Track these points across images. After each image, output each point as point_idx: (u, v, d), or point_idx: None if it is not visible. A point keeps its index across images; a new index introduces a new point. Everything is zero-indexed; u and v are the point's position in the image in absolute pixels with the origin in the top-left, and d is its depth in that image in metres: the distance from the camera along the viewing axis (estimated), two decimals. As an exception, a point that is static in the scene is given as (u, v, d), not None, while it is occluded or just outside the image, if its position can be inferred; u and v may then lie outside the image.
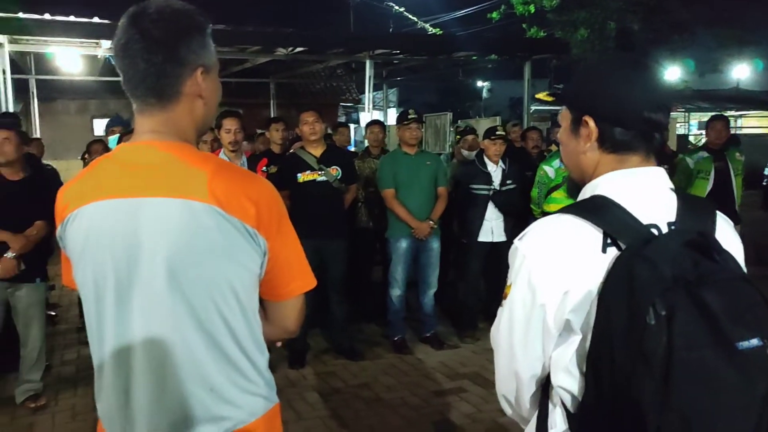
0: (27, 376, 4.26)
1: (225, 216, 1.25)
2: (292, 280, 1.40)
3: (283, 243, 1.36)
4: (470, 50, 10.79)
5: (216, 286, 1.27)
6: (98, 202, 1.29)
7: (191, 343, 1.28)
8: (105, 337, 1.33)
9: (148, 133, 1.32)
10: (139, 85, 1.30)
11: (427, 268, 5.26)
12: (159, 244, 1.25)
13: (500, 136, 5.34)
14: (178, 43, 1.28)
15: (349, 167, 5.08)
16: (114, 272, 1.28)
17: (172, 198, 1.25)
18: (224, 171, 1.30)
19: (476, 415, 4.08)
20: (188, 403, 1.30)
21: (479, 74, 27.60)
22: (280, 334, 1.47)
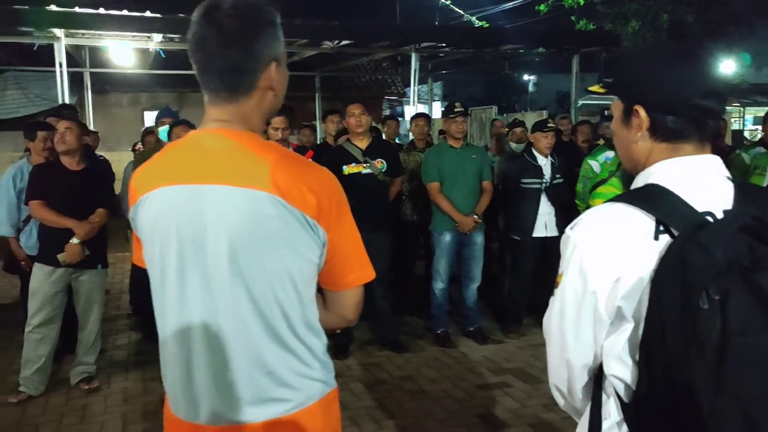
0: (83, 359, 4.41)
1: (286, 206, 1.27)
2: (351, 271, 1.42)
3: (342, 234, 1.37)
4: (517, 43, 10.67)
5: (275, 274, 1.30)
6: (166, 187, 1.33)
7: (249, 328, 1.32)
8: (167, 316, 1.38)
9: (216, 122, 1.35)
10: (214, 79, 1.33)
11: (470, 261, 5.23)
12: (222, 230, 1.28)
13: (552, 128, 5.27)
14: (253, 38, 1.30)
15: (395, 160, 5.08)
16: (178, 256, 1.32)
17: (235, 186, 1.28)
18: (287, 161, 1.32)
19: (520, 410, 4.05)
20: (247, 385, 1.33)
21: (526, 68, 27.24)
22: (339, 322, 1.49)
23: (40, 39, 8.73)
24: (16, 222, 4.74)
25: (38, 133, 4.71)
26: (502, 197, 5.48)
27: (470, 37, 11.02)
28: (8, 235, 4.74)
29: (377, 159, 4.86)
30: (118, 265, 7.36)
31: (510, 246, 5.61)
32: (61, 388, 4.36)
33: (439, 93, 22.74)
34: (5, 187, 4.75)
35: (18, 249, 4.72)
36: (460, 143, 5.15)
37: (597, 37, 11.02)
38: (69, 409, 4.08)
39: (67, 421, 3.92)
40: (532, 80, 30.86)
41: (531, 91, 31.35)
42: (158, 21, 8.32)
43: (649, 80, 1.26)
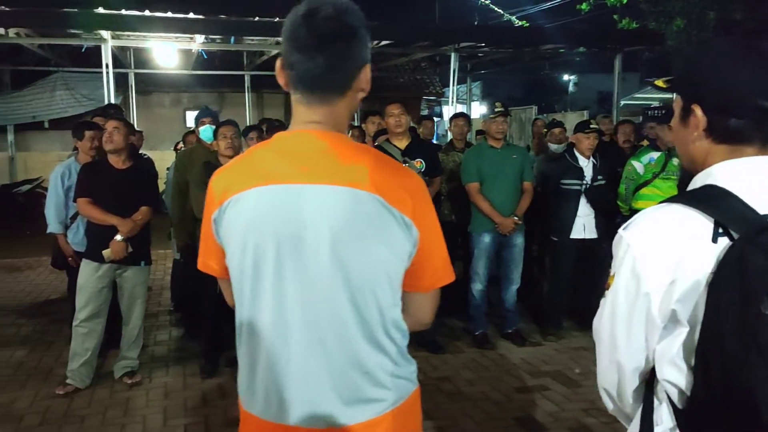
0: (126, 353, 4.51)
1: (386, 205, 1.30)
2: (435, 272, 1.43)
3: (431, 235, 1.39)
4: (558, 43, 10.55)
5: (374, 272, 1.32)
6: (262, 187, 1.34)
7: (348, 327, 1.33)
8: (259, 317, 1.38)
9: (308, 123, 1.36)
10: (312, 80, 1.33)
11: (510, 263, 5.19)
12: (323, 228, 1.30)
13: (594, 129, 5.19)
14: (352, 41, 1.32)
15: (433, 160, 5.06)
16: (275, 255, 1.33)
17: (336, 185, 1.30)
18: (382, 162, 1.36)
19: (559, 414, 4.00)
20: (344, 386, 1.35)
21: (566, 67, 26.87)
22: (414, 325, 1.48)
23: (87, 41, 8.97)
24: (63, 219, 4.85)
25: (86, 132, 4.83)
26: (542, 198, 5.41)
27: (510, 36, 10.92)
28: (56, 232, 4.86)
29: (416, 159, 4.85)
30: (159, 262, 7.50)
31: (549, 248, 5.54)
32: (106, 381, 4.46)
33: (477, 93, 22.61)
34: (54, 185, 4.88)
35: (65, 245, 4.84)
36: (501, 143, 5.11)
37: (640, 36, 10.79)
38: (113, 402, 4.18)
39: (111, 414, 4.01)
40: (573, 80, 30.45)
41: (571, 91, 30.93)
42: (201, 22, 8.47)
43: (707, 78, 1.22)
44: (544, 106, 22.81)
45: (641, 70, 18.43)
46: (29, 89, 13.33)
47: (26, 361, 4.89)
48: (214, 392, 4.34)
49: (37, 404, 4.13)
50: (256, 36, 9.96)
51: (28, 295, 6.80)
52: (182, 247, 5.02)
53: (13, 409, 4.06)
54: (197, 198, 4.46)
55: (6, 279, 7.54)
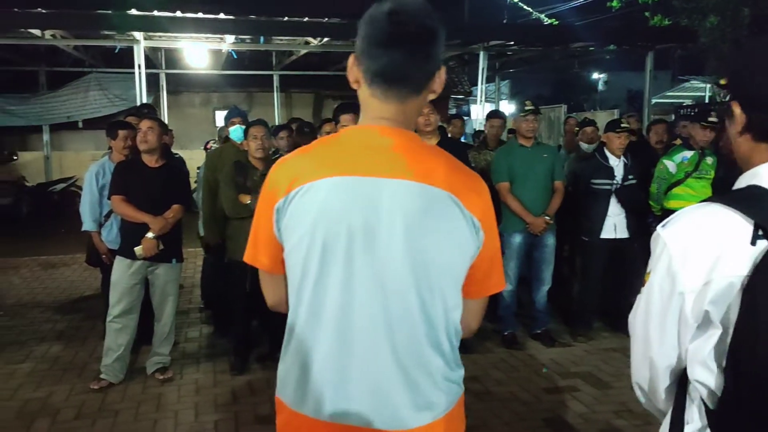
0: (158, 349, 4.57)
1: (459, 205, 1.31)
2: (491, 277, 1.44)
3: (493, 241, 1.40)
4: (588, 40, 10.43)
5: (444, 270, 1.32)
6: (334, 177, 1.32)
7: (416, 325, 1.32)
8: (322, 313, 1.35)
9: (379, 119, 1.36)
10: (392, 75, 1.32)
11: (541, 264, 5.15)
12: (397, 222, 1.29)
13: (625, 128, 5.12)
14: (433, 43, 1.34)
15: (463, 159, 5.02)
16: (347, 244, 1.31)
17: (412, 181, 1.30)
18: (454, 163, 1.38)
19: (589, 415, 3.96)
20: (407, 389, 1.34)
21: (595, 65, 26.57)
22: (464, 331, 1.46)
23: (121, 42, 9.12)
24: (98, 217, 4.93)
25: (119, 131, 4.92)
26: (572, 198, 5.36)
27: (540, 35, 10.85)
28: (91, 229, 4.95)
29: None
30: (190, 260, 7.58)
31: (580, 248, 5.48)
32: (138, 377, 4.54)
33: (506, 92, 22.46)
34: (88, 184, 4.97)
35: (100, 243, 4.93)
36: (531, 142, 5.07)
37: (672, 34, 10.64)
38: (145, 398, 4.24)
39: (144, 409, 4.07)
40: (602, 78, 30.08)
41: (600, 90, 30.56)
42: (231, 23, 8.56)
43: (745, 75, 1.21)
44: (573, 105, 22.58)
45: (673, 68, 18.16)
46: (64, 90, 13.61)
47: (62, 355, 4.99)
48: (243, 389, 4.38)
49: (73, 398, 4.22)
50: (285, 36, 10.03)
51: (63, 292, 6.94)
52: (209, 245, 5.07)
53: (49, 403, 4.15)
54: (227, 197, 4.51)
55: (42, 276, 7.70)
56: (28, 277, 7.62)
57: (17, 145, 14.45)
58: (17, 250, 8.93)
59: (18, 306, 6.36)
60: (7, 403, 4.14)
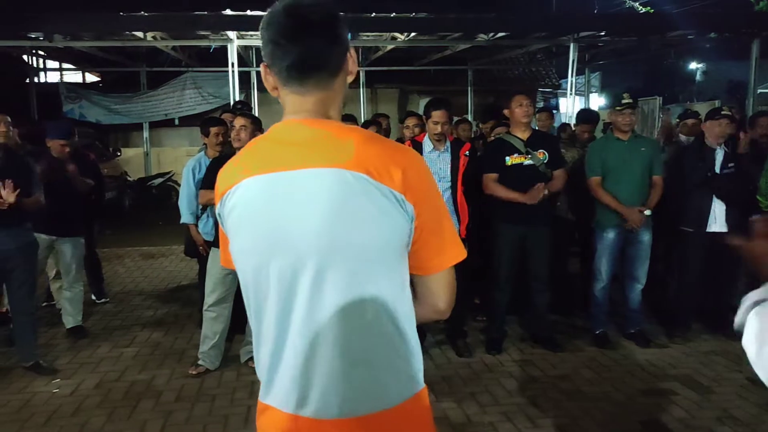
0: (250, 338, 4.71)
1: (373, 183, 1.27)
2: (442, 251, 1.37)
3: (430, 210, 1.34)
4: (686, 28, 9.94)
5: (368, 253, 1.29)
6: (252, 177, 1.34)
7: (349, 314, 1.30)
8: (264, 313, 1.37)
9: (300, 113, 1.37)
10: (307, 64, 1.34)
11: (635, 261, 4.96)
12: (313, 211, 1.29)
13: (725, 115, 4.85)
14: (336, 22, 1.35)
15: (556, 152, 4.91)
16: (271, 244, 1.32)
17: (323, 168, 1.29)
18: (371, 140, 1.35)
19: (689, 421, 3.79)
20: (349, 379, 1.32)
21: (693, 55, 25.28)
22: (430, 314, 1.43)
23: (215, 42, 9.47)
24: (195, 210, 5.16)
25: (211, 129, 5.12)
26: (670, 190, 5.12)
27: (633, 24, 10.41)
28: (189, 222, 5.18)
29: (539, 150, 4.74)
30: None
31: (678, 242, 5.23)
32: (232, 364, 4.71)
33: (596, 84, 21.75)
34: (186, 178, 5.20)
35: (197, 235, 5.14)
36: (628, 135, 4.87)
37: (781, 19, 9.97)
38: (240, 384, 4.40)
39: (239, 395, 4.23)
40: (701, 69, 28.61)
41: (698, 81, 29.08)
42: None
43: None
44: (667, 97, 21.60)
45: (780, 56, 17.01)
46: (162, 89, 14.29)
47: (162, 341, 5.26)
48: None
49: (173, 382, 4.43)
50: (373, 32, 10.12)
51: (162, 281, 7.30)
52: None
53: (153, 386, 4.38)
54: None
55: (143, 266, 8.13)
56: (130, 267, 8.06)
57: (120, 142, 15.33)
58: (121, 241, 9.47)
59: (122, 294, 6.74)
60: (115, 384, 4.41)
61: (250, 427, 3.79)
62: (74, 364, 4.76)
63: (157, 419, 3.89)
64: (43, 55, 14.15)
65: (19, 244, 4.36)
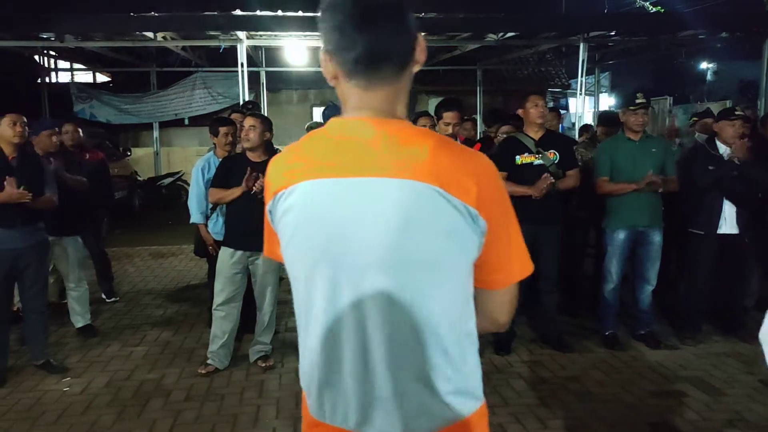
0: (260, 338, 4.73)
1: (445, 196, 1.18)
2: (509, 265, 1.30)
3: (501, 224, 1.26)
4: (697, 28, 9.88)
5: (434, 270, 1.21)
6: (312, 180, 1.25)
7: (406, 331, 1.23)
8: (312, 319, 1.31)
9: (364, 110, 1.26)
10: (376, 55, 1.23)
11: (645, 262, 4.93)
12: (379, 224, 1.20)
13: (739, 116, 4.81)
14: (405, 9, 1.24)
15: (568, 152, 4.89)
16: (329, 255, 1.24)
17: (392, 178, 1.19)
18: (444, 147, 1.23)
19: (700, 423, 3.76)
20: (401, 396, 1.26)
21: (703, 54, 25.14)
22: (489, 326, 1.36)
23: (225, 42, 9.50)
24: (204, 210, 5.17)
25: (220, 128, 5.13)
26: (680, 191, 5.08)
27: (644, 24, 10.35)
28: (198, 222, 5.19)
29: (550, 150, 4.72)
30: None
31: (688, 244, 5.19)
32: (242, 364, 4.71)
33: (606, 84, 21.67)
34: (195, 178, 5.21)
35: (206, 234, 5.15)
36: (639, 136, 4.83)
37: (793, 18, 9.88)
38: (249, 384, 4.41)
39: (248, 395, 4.23)
40: (711, 68, 28.45)
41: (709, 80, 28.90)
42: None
43: None
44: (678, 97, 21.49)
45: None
46: (172, 89, 14.34)
47: (172, 340, 5.27)
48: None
49: (183, 381, 4.44)
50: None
51: (172, 281, 7.32)
52: None
53: (162, 385, 4.39)
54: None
55: (152, 265, 8.16)
56: (140, 266, 8.09)
57: (130, 142, 15.41)
58: (131, 240, 9.52)
59: (132, 293, 6.77)
60: (125, 383, 4.42)
61: (258, 426, 3.80)
62: (84, 363, 4.79)
63: (167, 418, 3.90)
64: (55, 55, 14.25)
65: (31, 243, 4.39)
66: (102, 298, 6.32)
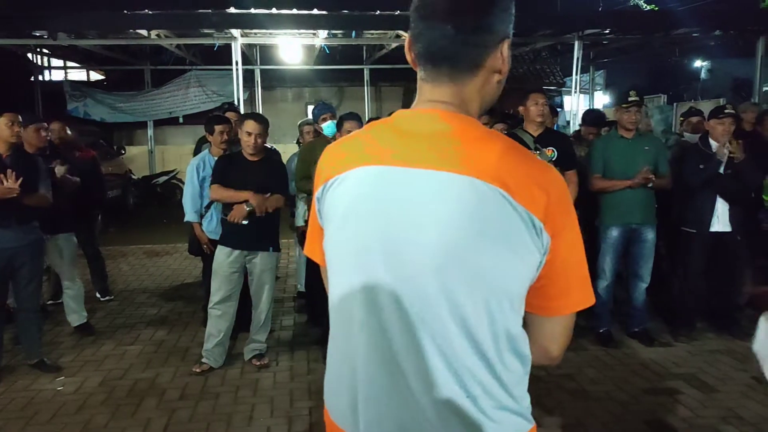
0: (255, 336, 4.73)
1: (511, 202, 1.08)
2: (569, 291, 1.17)
3: (567, 244, 1.14)
4: (691, 26, 9.92)
5: (487, 278, 1.10)
6: (370, 167, 1.18)
7: (451, 345, 1.12)
8: (351, 318, 1.22)
9: (432, 102, 1.19)
10: (436, 53, 1.16)
11: (639, 259, 4.95)
12: (434, 221, 1.10)
13: (729, 114, 4.83)
14: (490, 9, 1.14)
15: (566, 150, 4.88)
16: (379, 245, 1.16)
17: (453, 173, 1.10)
18: (514, 152, 1.14)
19: (694, 420, 3.78)
20: (444, 418, 1.15)
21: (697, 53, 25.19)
22: (539, 358, 1.23)
23: (219, 40, 9.49)
24: (199, 208, 5.15)
25: (215, 127, 5.10)
26: (673, 189, 5.10)
27: (638, 22, 10.40)
28: (192, 220, 5.17)
29: (548, 147, 4.73)
30: (282, 250, 7.81)
31: (681, 242, 5.21)
32: (236, 362, 4.71)
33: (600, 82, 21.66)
34: (190, 176, 5.17)
35: (201, 233, 5.13)
36: (632, 134, 4.85)
37: (786, 16, 9.93)
38: (243, 382, 4.40)
39: (242, 393, 4.23)
40: (705, 66, 28.51)
41: (703, 78, 28.97)
42: (324, 18, 8.71)
43: None
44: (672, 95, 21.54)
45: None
46: (166, 87, 14.31)
47: (166, 339, 5.26)
48: (336, 378, 4.45)
49: (177, 380, 4.44)
50: (377, 30, 10.11)
51: (166, 279, 7.31)
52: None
53: (156, 384, 4.39)
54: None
55: (147, 263, 8.14)
56: (134, 265, 8.07)
57: (125, 140, 15.37)
58: (125, 239, 9.49)
59: (126, 291, 6.76)
60: (119, 382, 4.41)
61: (253, 425, 3.80)
62: (78, 362, 4.78)
63: (161, 417, 3.89)
64: (48, 53, 14.20)
65: (26, 242, 4.38)
66: (96, 296, 6.30)
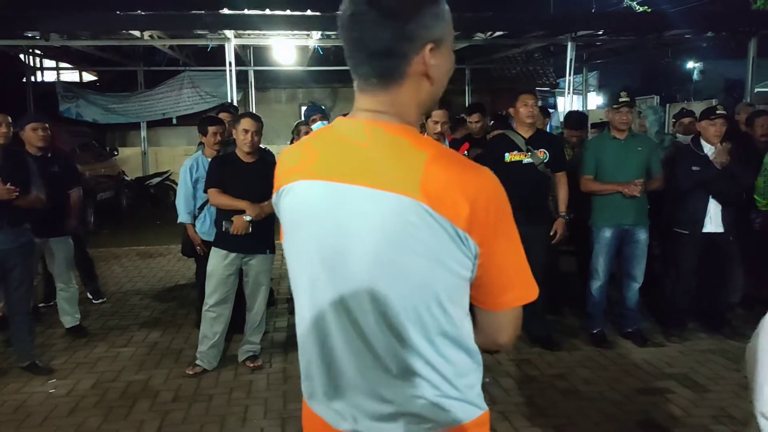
0: (249, 338, 4.72)
1: (434, 215, 1.11)
2: (509, 289, 1.22)
3: (499, 248, 1.18)
4: (684, 28, 9.96)
5: (414, 287, 1.16)
6: (308, 181, 1.24)
7: (386, 340, 1.20)
8: (305, 320, 1.32)
9: (365, 112, 1.22)
10: (363, 62, 1.18)
11: (632, 260, 4.96)
12: (363, 237, 1.17)
13: (720, 115, 4.85)
14: (409, 17, 1.14)
15: (558, 152, 4.91)
16: (318, 257, 1.24)
17: (380, 190, 1.14)
18: (442, 161, 1.15)
19: (685, 419, 3.80)
20: (382, 398, 1.24)
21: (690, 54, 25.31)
22: (488, 345, 1.30)
23: (213, 41, 9.47)
24: (192, 210, 5.14)
25: (209, 128, 5.10)
26: (665, 190, 5.12)
27: (631, 23, 10.43)
28: (186, 221, 5.16)
29: (540, 149, 4.74)
30: (276, 252, 7.80)
31: (673, 242, 5.23)
32: (230, 364, 4.70)
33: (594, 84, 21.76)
34: (183, 178, 5.16)
35: (194, 234, 5.13)
36: (625, 134, 4.86)
37: (778, 18, 9.99)
38: (237, 384, 4.40)
39: (236, 395, 4.22)
40: (698, 68, 28.63)
41: (696, 80, 29.09)
42: (317, 19, 8.70)
43: None
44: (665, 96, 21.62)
45: (777, 55, 17.01)
46: (160, 88, 14.28)
47: (159, 341, 5.25)
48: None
49: (170, 382, 4.43)
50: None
51: (160, 281, 7.29)
52: None
53: (149, 386, 4.38)
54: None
55: (140, 265, 8.12)
56: (127, 266, 8.05)
57: (118, 142, 15.31)
58: (118, 240, 9.46)
59: (119, 293, 6.73)
60: (112, 384, 4.40)
61: (246, 426, 3.79)
62: (71, 364, 4.76)
63: (154, 419, 3.88)
64: (40, 54, 14.15)
65: (18, 244, 4.36)
66: (88, 298, 6.28)
